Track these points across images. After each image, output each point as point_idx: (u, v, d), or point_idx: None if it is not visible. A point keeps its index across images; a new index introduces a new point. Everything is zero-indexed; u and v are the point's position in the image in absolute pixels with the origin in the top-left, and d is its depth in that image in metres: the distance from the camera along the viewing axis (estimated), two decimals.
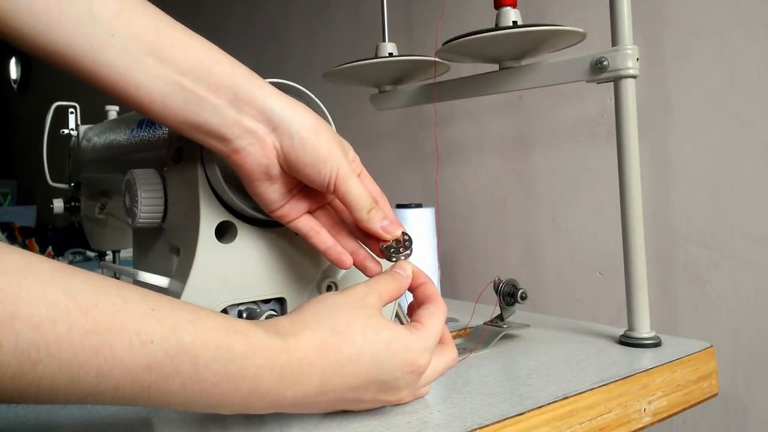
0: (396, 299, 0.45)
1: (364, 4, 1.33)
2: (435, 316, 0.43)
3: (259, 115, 0.41)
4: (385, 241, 0.46)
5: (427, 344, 0.42)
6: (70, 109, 0.83)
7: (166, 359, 0.32)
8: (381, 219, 0.45)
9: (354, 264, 0.47)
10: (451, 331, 0.66)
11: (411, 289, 0.47)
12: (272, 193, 0.44)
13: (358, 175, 0.47)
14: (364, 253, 0.48)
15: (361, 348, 0.39)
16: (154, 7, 0.41)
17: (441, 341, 0.45)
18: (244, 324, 0.36)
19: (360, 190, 0.44)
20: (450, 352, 0.45)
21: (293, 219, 0.46)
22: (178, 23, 0.42)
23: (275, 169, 0.43)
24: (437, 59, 0.73)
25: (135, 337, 0.31)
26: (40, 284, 0.30)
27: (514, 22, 0.63)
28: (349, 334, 0.39)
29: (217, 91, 0.41)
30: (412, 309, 0.47)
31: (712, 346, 0.59)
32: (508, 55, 0.67)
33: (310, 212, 0.47)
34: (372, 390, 0.40)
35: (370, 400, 0.41)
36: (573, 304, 0.94)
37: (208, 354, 0.33)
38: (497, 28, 0.61)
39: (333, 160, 0.42)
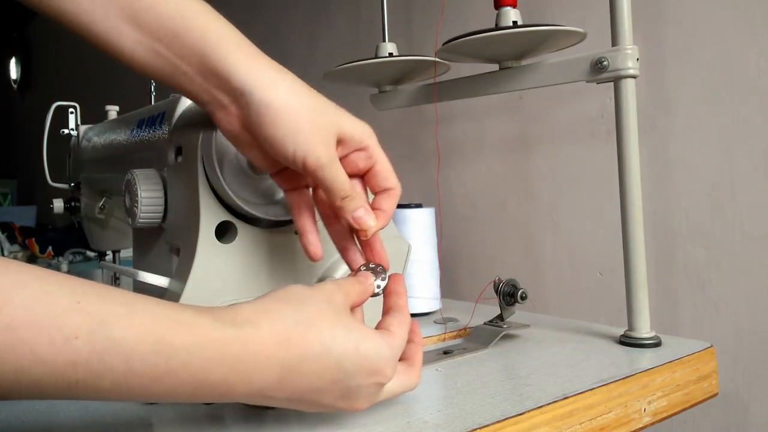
0: (359, 305, 0.42)
1: (364, 4, 1.33)
2: (404, 327, 0.41)
3: (222, 84, 0.40)
4: (357, 232, 0.43)
5: (395, 354, 0.39)
6: (70, 109, 0.83)
7: (94, 355, 0.30)
8: (354, 209, 0.42)
9: (344, 258, 0.46)
10: (450, 332, 0.66)
11: (385, 293, 0.44)
12: (255, 158, 0.43)
13: (368, 170, 0.44)
14: (354, 249, 0.45)
15: (328, 346, 0.36)
16: None
17: (410, 362, 0.43)
18: (192, 314, 0.34)
19: (335, 176, 0.41)
20: (414, 378, 0.42)
21: (287, 189, 0.45)
22: None
23: (244, 137, 0.42)
24: (437, 59, 0.73)
25: (57, 333, 0.29)
26: None
27: (514, 22, 0.63)
28: (315, 329, 0.36)
29: (186, 58, 0.40)
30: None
31: (712, 346, 0.59)
32: (508, 55, 0.67)
33: (308, 187, 0.45)
34: (333, 394, 0.38)
35: (328, 405, 0.38)
36: (573, 304, 0.94)
37: (143, 348, 0.31)
38: (497, 28, 0.61)
39: (298, 142, 0.40)
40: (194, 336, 0.33)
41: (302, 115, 0.40)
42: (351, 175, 0.43)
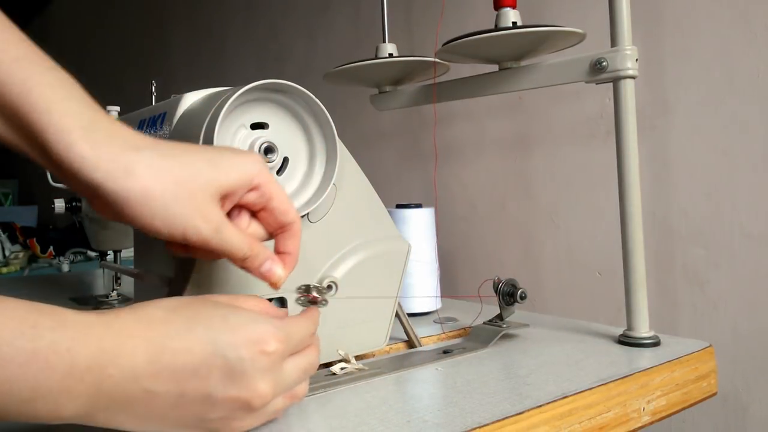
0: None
1: (364, 4, 1.33)
2: (305, 317, 0.40)
3: (72, 179, 0.36)
4: (270, 284, 0.42)
5: (279, 327, 0.37)
6: None
7: None
8: (259, 265, 0.41)
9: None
10: (450, 331, 0.67)
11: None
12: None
13: (262, 208, 0.41)
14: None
15: (192, 321, 0.35)
16: None
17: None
18: (50, 306, 0.33)
19: (225, 242, 0.39)
20: (313, 352, 0.40)
21: None
22: (20, 47, 0.37)
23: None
24: (437, 60, 0.73)
25: None
26: None
27: (514, 23, 0.63)
28: (180, 310, 0.35)
29: (32, 144, 0.36)
30: None
31: (711, 345, 0.60)
32: (508, 56, 0.67)
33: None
34: (217, 376, 0.35)
35: (222, 398, 0.35)
36: (572, 303, 0.94)
37: (8, 332, 0.30)
38: (497, 28, 0.62)
39: (172, 223, 0.37)
40: (57, 318, 0.32)
41: (167, 194, 0.37)
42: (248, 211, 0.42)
